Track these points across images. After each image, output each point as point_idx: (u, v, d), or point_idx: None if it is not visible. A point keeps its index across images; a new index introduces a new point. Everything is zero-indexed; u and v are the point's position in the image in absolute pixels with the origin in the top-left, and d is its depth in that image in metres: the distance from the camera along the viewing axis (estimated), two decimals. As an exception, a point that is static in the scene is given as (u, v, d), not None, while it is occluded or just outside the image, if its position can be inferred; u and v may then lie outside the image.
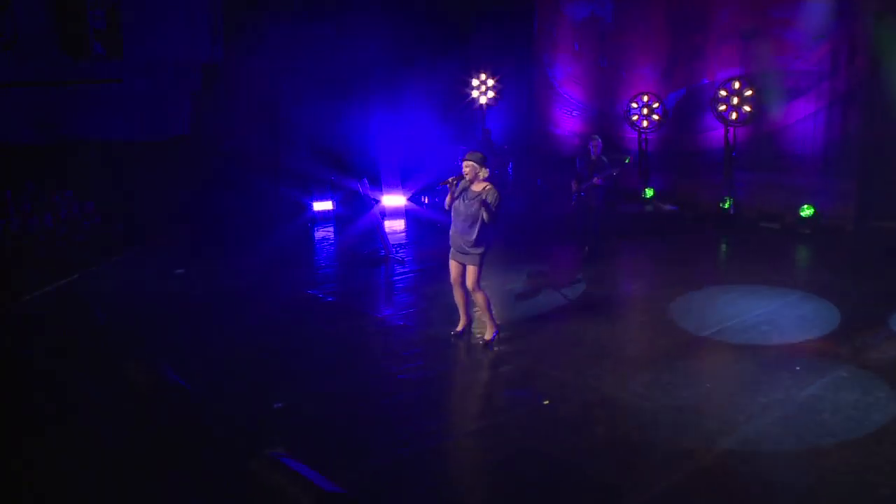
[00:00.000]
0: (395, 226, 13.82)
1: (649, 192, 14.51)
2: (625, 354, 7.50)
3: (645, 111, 14.51)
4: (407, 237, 13.19)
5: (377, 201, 12.81)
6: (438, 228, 11.41)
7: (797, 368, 6.91)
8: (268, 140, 14.73)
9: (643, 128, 14.60)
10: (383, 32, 14.56)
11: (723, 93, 13.36)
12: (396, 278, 10.54)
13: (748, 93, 13.15)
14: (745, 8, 13.63)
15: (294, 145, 14.76)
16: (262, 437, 5.17)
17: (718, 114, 13.44)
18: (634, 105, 14.61)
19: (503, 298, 8.81)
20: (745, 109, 13.17)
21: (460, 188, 7.23)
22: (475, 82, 16.19)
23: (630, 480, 5.14)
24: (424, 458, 5.44)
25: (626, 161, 11.34)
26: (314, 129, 14.66)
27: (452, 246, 7.44)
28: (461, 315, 7.77)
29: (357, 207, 13.29)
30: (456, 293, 7.66)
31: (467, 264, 7.35)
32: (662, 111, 14.45)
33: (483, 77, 16.15)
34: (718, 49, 14.00)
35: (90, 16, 13.76)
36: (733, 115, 13.30)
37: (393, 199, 14.52)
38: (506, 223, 9.24)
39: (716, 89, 13.51)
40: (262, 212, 13.81)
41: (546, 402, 6.25)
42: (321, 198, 14.37)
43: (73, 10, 13.50)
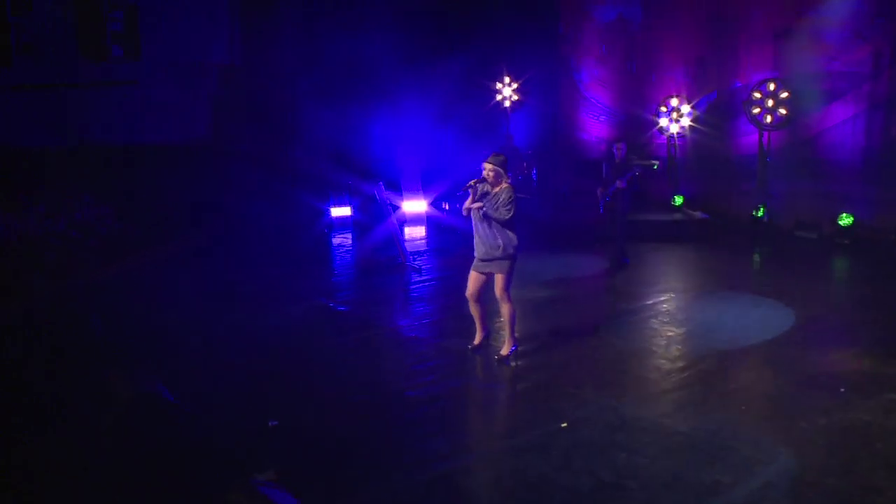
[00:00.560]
0: (415, 232, 13.53)
1: (679, 199, 13.93)
2: (650, 371, 7.02)
3: (674, 115, 13.98)
4: (427, 244, 12.86)
5: (395, 207, 12.47)
6: (459, 235, 11.06)
7: (841, 390, 6.37)
8: (285, 143, 14.49)
9: (673, 133, 14.07)
10: (405, 36, 14.28)
11: (757, 95, 12.80)
12: (412, 287, 10.18)
13: (784, 95, 12.57)
14: (779, 7, 13.12)
15: (312, 149, 14.51)
16: (251, 459, 4.76)
17: (752, 116, 12.88)
18: (663, 109, 14.08)
19: (524, 308, 8.35)
20: (781, 112, 12.60)
21: (480, 191, 6.89)
22: (499, 86, 15.88)
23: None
24: (432, 485, 5.01)
25: (655, 167, 10.91)
26: (332, 132, 14.37)
27: (476, 254, 7.04)
28: (478, 328, 7.40)
29: (375, 213, 12.96)
30: (472, 307, 7.27)
31: (494, 272, 6.97)
32: (693, 115, 13.92)
33: (507, 81, 15.83)
34: (751, 50, 13.52)
35: (108, 18, 13.68)
36: (768, 118, 12.74)
37: (413, 205, 14.20)
38: (530, 229, 8.90)
39: (749, 91, 12.95)
40: (280, 217, 13.57)
41: (564, 424, 5.78)
42: (339, 203, 14.12)
43: (91, 12, 13.42)
